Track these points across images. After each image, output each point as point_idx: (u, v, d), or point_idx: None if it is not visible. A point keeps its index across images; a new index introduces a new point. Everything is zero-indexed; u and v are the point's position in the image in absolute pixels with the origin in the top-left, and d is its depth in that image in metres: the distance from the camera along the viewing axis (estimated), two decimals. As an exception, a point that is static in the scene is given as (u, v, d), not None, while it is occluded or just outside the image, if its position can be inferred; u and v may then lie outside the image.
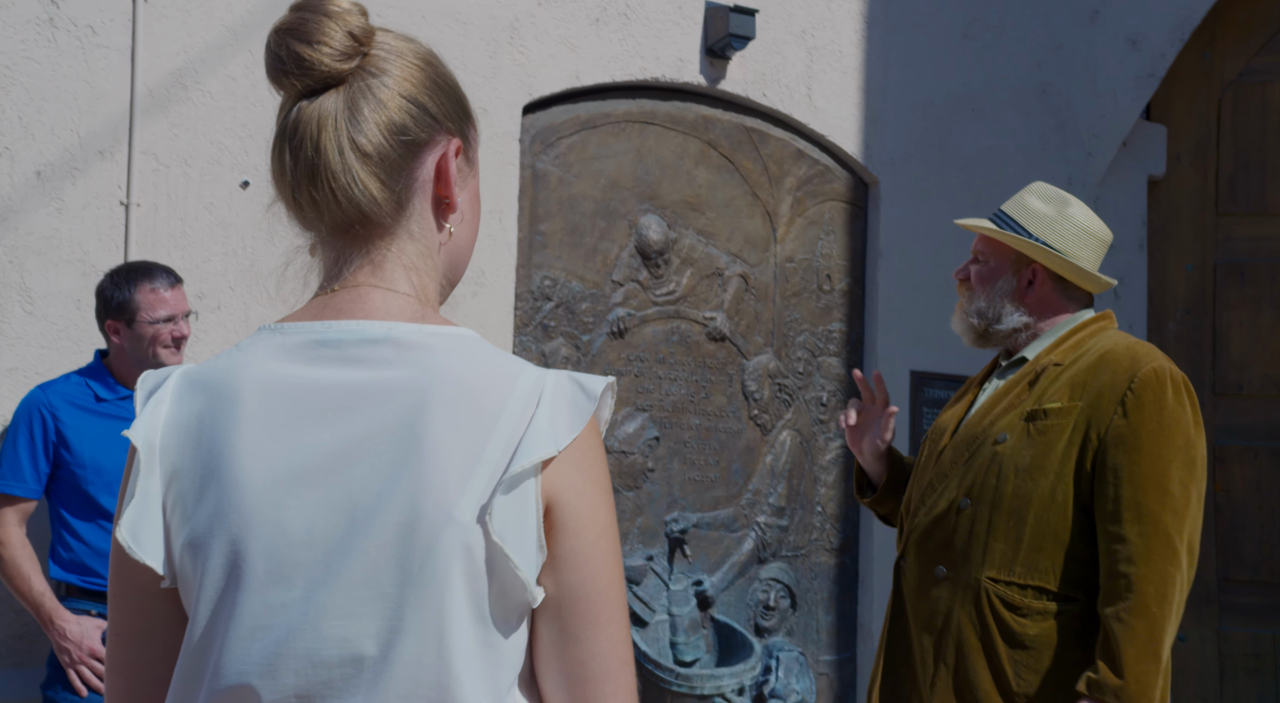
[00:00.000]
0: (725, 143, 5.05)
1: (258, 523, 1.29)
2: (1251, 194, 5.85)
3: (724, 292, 5.01)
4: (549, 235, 4.75)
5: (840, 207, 5.28)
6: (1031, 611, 2.91)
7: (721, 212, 5.03)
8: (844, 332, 5.25)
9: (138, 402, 1.39)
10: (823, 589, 5.12)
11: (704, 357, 4.96)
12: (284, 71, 1.37)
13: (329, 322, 1.36)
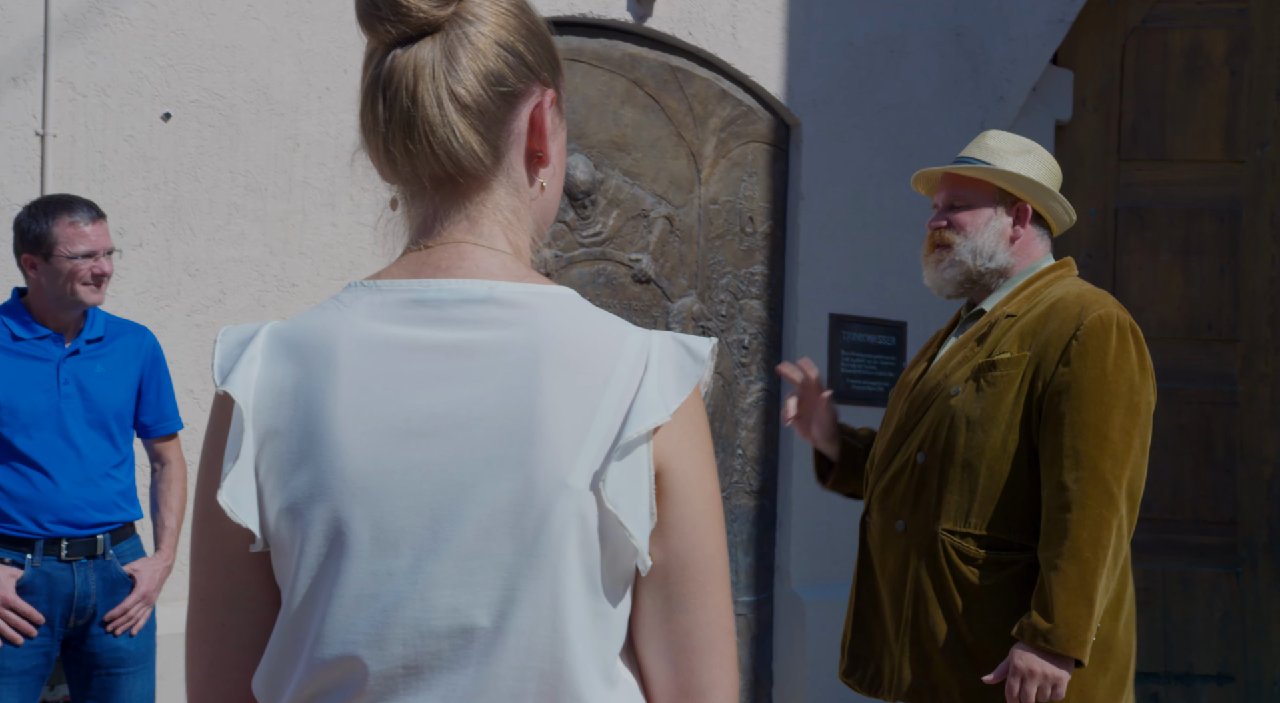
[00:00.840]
0: (651, 82, 4.98)
1: (361, 489, 1.24)
2: (1152, 140, 5.96)
3: (649, 234, 4.96)
4: (476, 174, 4.65)
5: (763, 148, 5.25)
6: (986, 561, 2.96)
7: (647, 152, 4.97)
8: (765, 275, 5.24)
9: (221, 356, 1.32)
10: (742, 531, 5.15)
11: (629, 299, 4.91)
12: (379, 17, 1.30)
13: (427, 280, 1.30)
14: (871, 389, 5.34)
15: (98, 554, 3.64)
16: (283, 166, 4.35)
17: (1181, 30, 6.00)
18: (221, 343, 1.33)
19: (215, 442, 1.32)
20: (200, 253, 4.26)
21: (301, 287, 4.35)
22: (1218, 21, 6.00)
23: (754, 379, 5.19)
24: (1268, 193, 5.94)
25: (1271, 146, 5.96)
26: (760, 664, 5.17)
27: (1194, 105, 5.96)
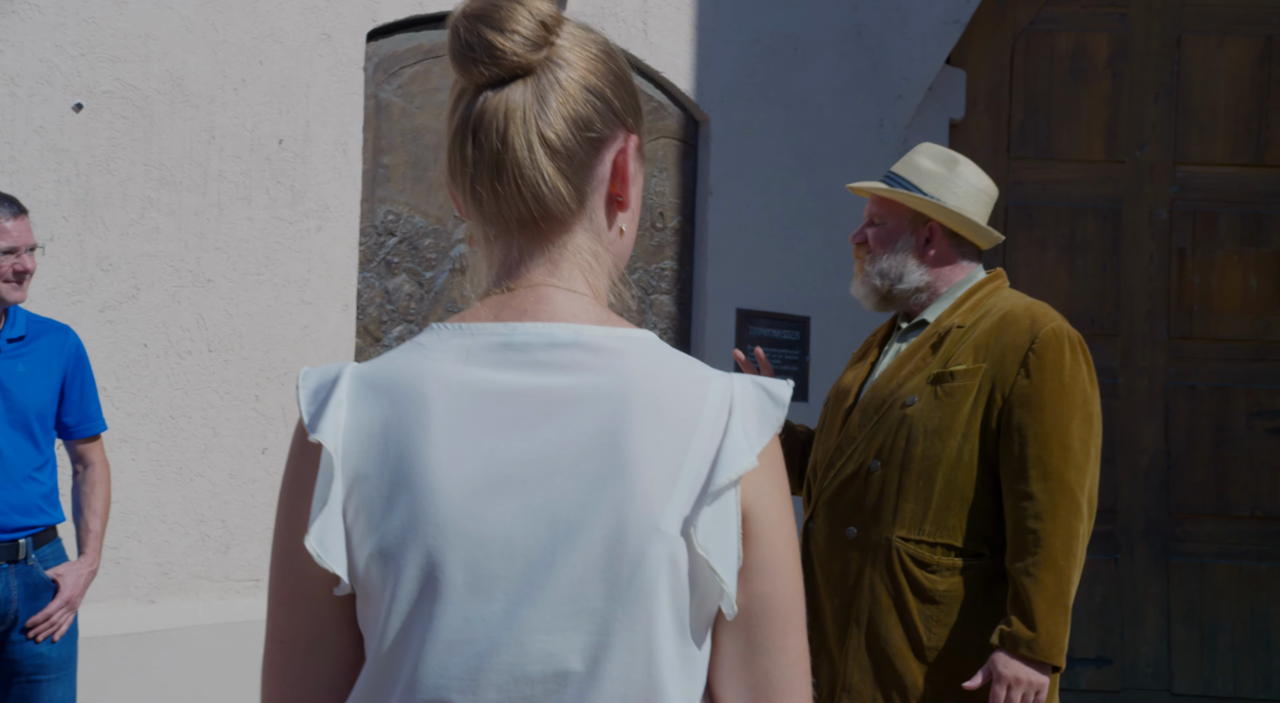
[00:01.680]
0: (564, 76, 4.98)
1: (455, 534, 1.24)
2: (1040, 139, 6.12)
3: (563, 228, 4.96)
4: (392, 169, 4.59)
5: (673, 144, 5.28)
6: (941, 567, 3.03)
7: (560, 147, 4.96)
8: (675, 270, 5.27)
9: (307, 401, 1.31)
10: (652, 525, 5.19)
11: (543, 294, 4.91)
12: (472, 59, 1.31)
13: (513, 323, 1.31)
14: (776, 383, 5.41)
15: (19, 559, 3.54)
16: (198, 160, 4.26)
17: (1067, 33, 6.16)
18: (304, 387, 1.33)
19: (298, 484, 1.32)
20: (113, 247, 4.15)
21: (217, 282, 4.26)
22: (1100, 25, 6.18)
23: (664, 374, 5.23)
24: (1146, 193, 6.14)
25: (1150, 148, 6.16)
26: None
27: (1078, 106, 6.14)
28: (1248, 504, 6.08)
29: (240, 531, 4.29)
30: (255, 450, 4.30)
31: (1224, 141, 6.18)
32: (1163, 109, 6.17)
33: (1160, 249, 6.12)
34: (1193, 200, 6.12)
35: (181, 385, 4.20)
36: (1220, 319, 6.11)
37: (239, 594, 4.31)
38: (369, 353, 4.50)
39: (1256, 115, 6.18)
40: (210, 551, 4.24)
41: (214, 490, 4.24)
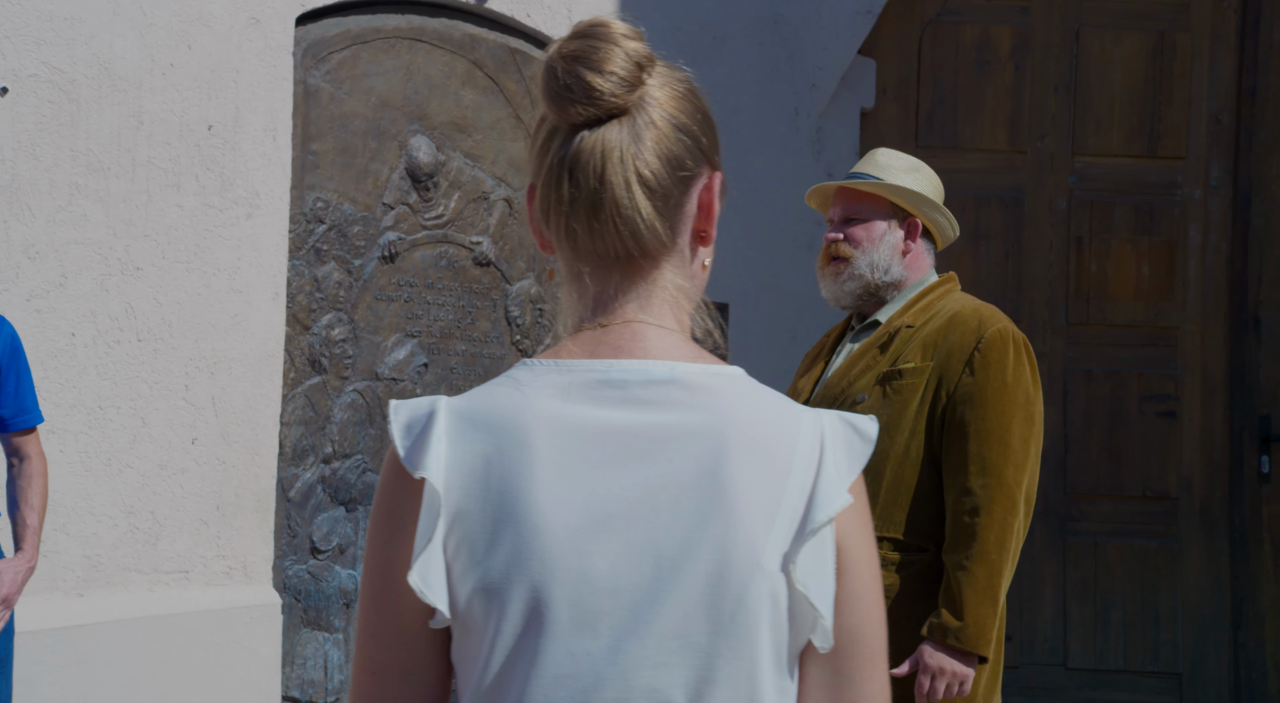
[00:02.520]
0: (491, 63, 4.96)
1: (560, 570, 1.27)
2: (947, 129, 6.24)
3: (489, 216, 4.95)
4: (321, 155, 4.55)
5: (595, 131, 5.29)
6: (886, 562, 3.11)
7: (487, 134, 4.95)
8: (598, 257, 5.30)
9: (403, 437, 1.33)
10: (575, 511, 5.23)
11: (470, 282, 4.90)
12: (571, 99, 1.35)
13: (609, 361, 1.34)
14: (695, 370, 5.47)
15: (-46, 557, 3.47)
16: (126, 145, 4.18)
17: (972, 25, 6.29)
18: (396, 421, 1.34)
19: (393, 519, 1.33)
20: (40, 235, 4.05)
21: (146, 270, 4.19)
22: (1004, 18, 6.32)
23: (587, 361, 5.25)
24: (1046, 183, 6.30)
25: (1050, 138, 6.32)
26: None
27: (983, 97, 6.27)
28: (1139, 485, 6.29)
29: (169, 522, 4.24)
30: (185, 441, 4.25)
31: (1119, 133, 6.36)
32: (1062, 101, 6.33)
33: (1059, 238, 6.29)
34: (1090, 190, 6.30)
35: (110, 375, 4.13)
36: (1115, 306, 6.30)
37: (168, 586, 4.26)
38: (298, 341, 4.46)
39: (1150, 109, 6.37)
40: (139, 542, 4.18)
41: (143, 482, 4.18)
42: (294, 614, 4.43)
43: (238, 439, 4.32)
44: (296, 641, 4.41)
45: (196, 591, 4.27)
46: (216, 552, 4.32)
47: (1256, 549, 6.28)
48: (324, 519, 4.48)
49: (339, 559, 4.52)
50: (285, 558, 4.41)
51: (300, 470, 4.42)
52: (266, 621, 4.35)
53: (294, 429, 4.41)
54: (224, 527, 4.31)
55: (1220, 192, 6.39)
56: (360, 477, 4.55)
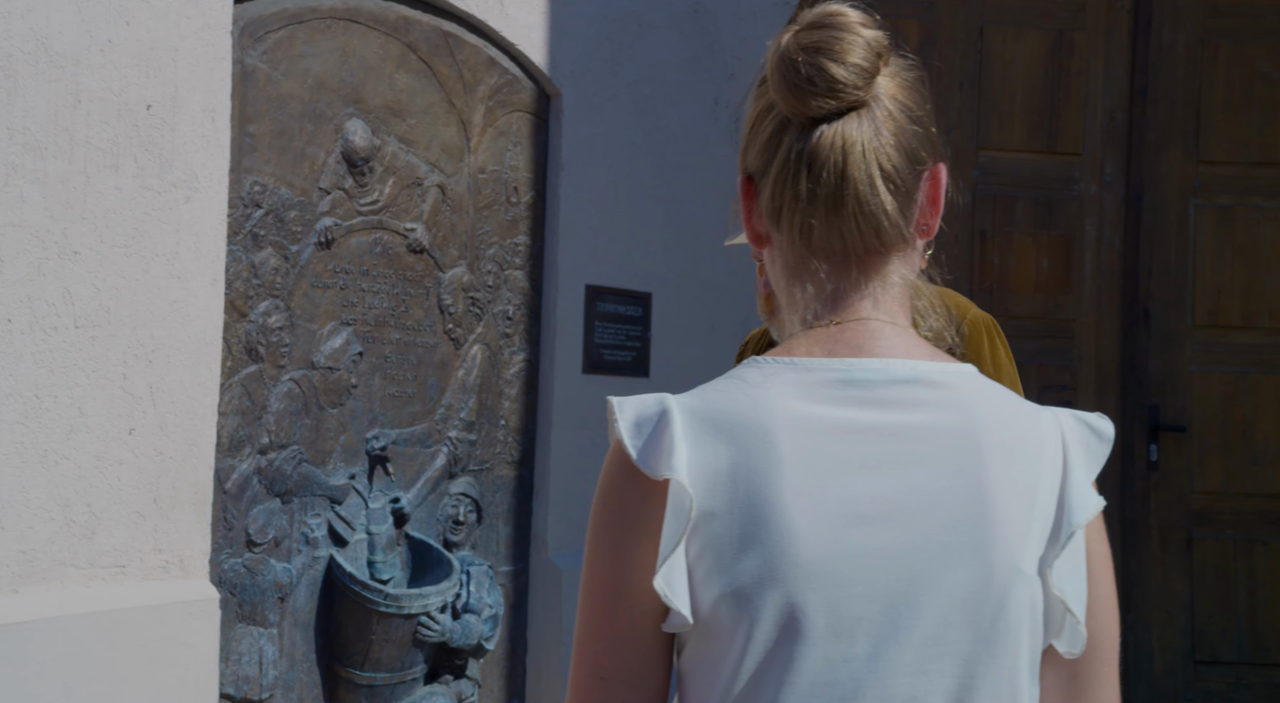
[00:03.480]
0: (424, 46, 4.88)
1: (816, 575, 1.25)
2: (853, 121, 6.32)
3: (423, 202, 4.87)
4: (258, 138, 4.43)
5: (526, 118, 5.24)
6: None
7: (421, 118, 4.87)
8: (528, 245, 5.25)
9: (629, 433, 1.29)
10: (503, 502, 5.17)
11: (404, 269, 4.82)
12: (812, 92, 1.32)
13: (849, 360, 1.32)
14: (621, 359, 5.46)
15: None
16: (63, 124, 4.01)
17: (882, 18, 6.36)
18: (623, 419, 1.31)
19: (625, 520, 1.30)
20: (-27, 216, 3.87)
21: (85, 254, 4.03)
22: (912, 13, 6.41)
23: (517, 350, 5.20)
24: (952, 176, 6.40)
25: (956, 132, 6.44)
26: (516, 633, 5.23)
27: (892, 90, 6.36)
28: (1037, 473, 6.46)
29: (106, 515, 4.09)
30: (122, 431, 4.10)
31: (1021, 129, 6.50)
32: (967, 96, 6.45)
33: (964, 231, 6.41)
34: (993, 185, 6.43)
35: (47, 364, 3.97)
36: (1016, 299, 6.45)
37: (105, 582, 4.11)
38: (235, 329, 4.34)
39: (1049, 105, 6.53)
40: (76, 537, 4.03)
41: (80, 474, 4.03)
42: (229, 609, 4.32)
43: (175, 430, 4.19)
44: (231, 636, 4.31)
45: (133, 586, 4.13)
46: (154, 546, 4.19)
47: (1145, 536, 6.49)
48: (260, 511, 4.38)
49: (274, 552, 4.42)
50: (221, 552, 4.30)
51: (236, 462, 4.31)
52: (205, 616, 4.22)
53: (231, 419, 4.30)
54: (161, 520, 4.18)
55: (1114, 188, 6.58)
56: (296, 468, 4.45)
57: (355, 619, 4.58)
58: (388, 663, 4.65)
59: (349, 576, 4.55)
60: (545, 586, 5.23)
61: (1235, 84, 6.69)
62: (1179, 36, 6.66)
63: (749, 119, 1.41)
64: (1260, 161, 6.67)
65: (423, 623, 4.69)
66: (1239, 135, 6.66)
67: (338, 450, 4.62)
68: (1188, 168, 6.65)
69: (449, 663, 4.90)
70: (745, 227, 1.42)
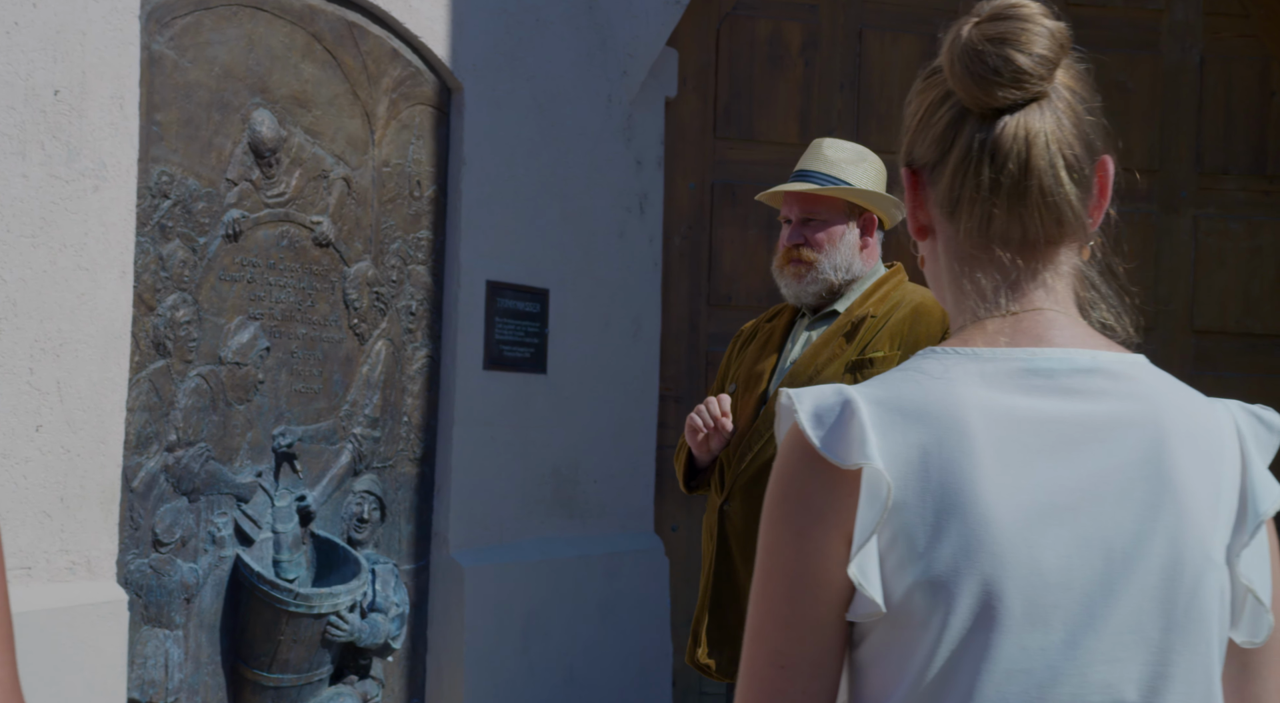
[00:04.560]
0: (329, 36, 4.80)
1: (1012, 563, 1.26)
2: (743, 121, 6.38)
3: (329, 195, 4.79)
4: (165, 126, 4.30)
5: (429, 111, 5.18)
6: None
7: (326, 110, 4.79)
8: (431, 240, 5.19)
9: (810, 423, 1.29)
10: (406, 499, 5.11)
11: (310, 263, 4.73)
12: (997, 82, 1.33)
13: (1030, 349, 1.33)
14: (520, 355, 5.43)
15: None
16: (-31, 108, 3.85)
17: (765, 20, 6.45)
18: (802, 410, 1.31)
19: (809, 508, 1.30)
20: (-126, 203, 3.70)
21: (-10, 245, 3.88)
22: (794, 15, 6.50)
23: (419, 346, 5.14)
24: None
25: (836, 133, 6.53)
26: (417, 633, 5.17)
27: (776, 91, 6.44)
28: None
29: (11, 515, 3.94)
30: (29, 428, 3.95)
31: (896, 132, 6.62)
32: (847, 99, 6.56)
33: (845, 230, 6.52)
34: (873, 185, 6.56)
35: (-48, 358, 3.81)
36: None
37: (11, 584, 3.95)
38: (142, 323, 4.21)
39: (925, 108, 6.68)
40: (-20, 538, 3.87)
41: (-15, 473, 3.87)
42: (135, 611, 4.19)
43: (83, 426, 4.05)
44: (137, 639, 4.18)
45: (40, 588, 3.98)
46: (60, 546, 4.04)
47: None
48: (167, 511, 4.26)
49: (181, 552, 4.30)
50: (127, 552, 4.17)
51: (144, 459, 4.19)
52: (113, 619, 4.09)
53: (138, 416, 4.18)
54: (68, 520, 4.04)
55: (985, 190, 6.75)
56: (204, 466, 4.34)
57: (263, 620, 4.48)
58: (295, 664, 4.56)
59: (257, 575, 4.45)
60: (446, 584, 5.18)
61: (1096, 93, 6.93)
62: (1044, 44, 6.87)
63: (915, 111, 1.42)
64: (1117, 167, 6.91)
65: (332, 623, 4.61)
66: (1099, 141, 6.90)
67: (244, 448, 4.51)
68: (1052, 172, 6.86)
69: (354, 663, 4.82)
70: (909, 218, 1.42)
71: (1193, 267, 6.99)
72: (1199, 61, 7.01)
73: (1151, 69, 6.97)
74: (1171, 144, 6.92)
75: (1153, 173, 6.93)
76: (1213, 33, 7.03)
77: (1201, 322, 6.93)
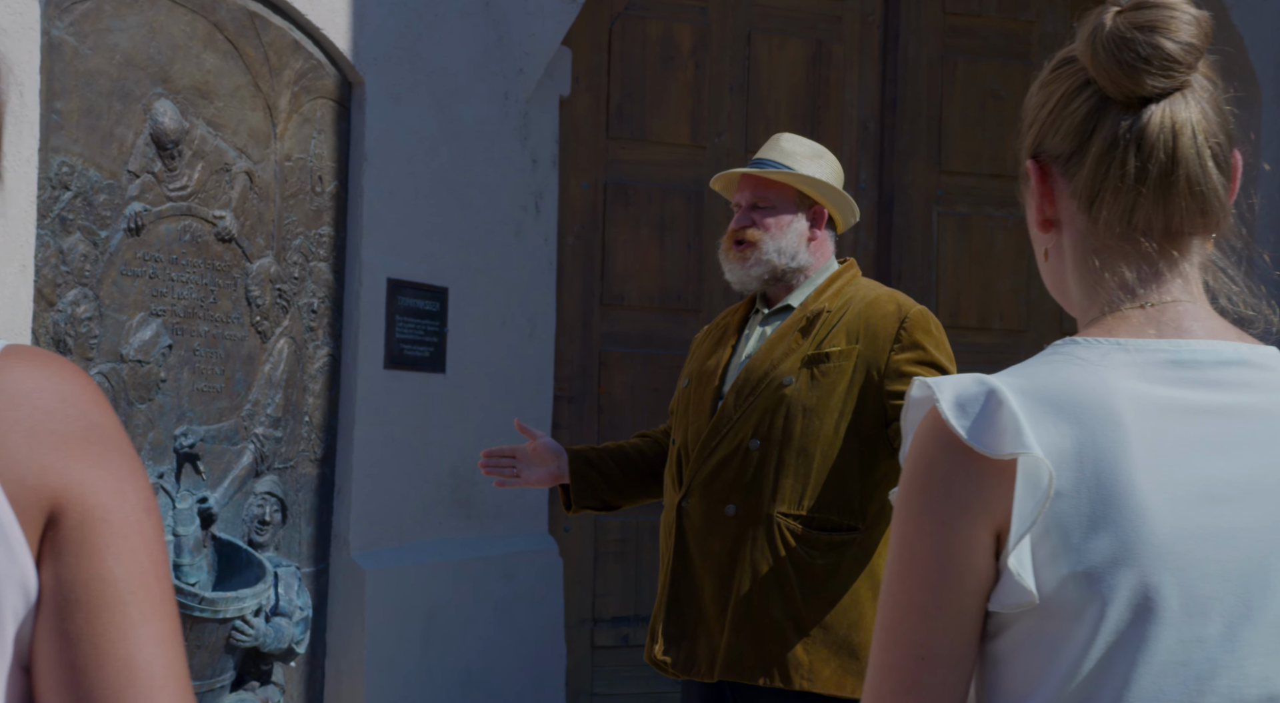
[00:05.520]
0: (231, 26, 4.67)
1: (1170, 555, 1.27)
2: (635, 121, 6.37)
3: (231, 189, 4.67)
4: (66, 115, 4.15)
5: (330, 105, 5.08)
6: (819, 542, 3.22)
7: (228, 102, 4.66)
8: (332, 236, 5.09)
9: (953, 412, 1.28)
10: (306, 501, 5.00)
11: (212, 259, 4.61)
12: (1146, 71, 1.32)
13: (1176, 341, 1.34)
14: (420, 355, 5.36)
15: None
16: None
17: (656, 20, 6.45)
18: (944, 399, 1.30)
19: (954, 497, 1.29)
20: None
21: (-113, 235, 3.70)
22: (684, 17, 6.52)
23: (321, 345, 5.04)
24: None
25: (726, 135, 6.58)
26: (316, 637, 5.06)
27: (668, 92, 6.45)
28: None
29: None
30: (-74, 428, 3.78)
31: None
32: (736, 100, 6.60)
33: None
34: (761, 187, 6.60)
35: None
36: (782, 298, 6.64)
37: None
38: (44, 319, 4.06)
39: (810, 112, 6.75)
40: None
41: (-120, 475, 3.69)
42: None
43: (-17, 426, 3.88)
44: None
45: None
46: (-41, 552, 3.87)
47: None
48: (67, 513, 4.10)
49: (81, 557, 4.15)
50: (26, 557, 4.01)
51: (44, 460, 4.03)
52: None
53: (38, 415, 4.01)
54: (-33, 524, 3.87)
55: (868, 194, 6.85)
56: (105, 467, 4.19)
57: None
58: (199, 670, 4.43)
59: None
60: (347, 587, 5.08)
61: (971, 100, 7.07)
62: (922, 53, 6.99)
63: (1043, 102, 1.41)
64: (992, 173, 7.06)
65: (237, 628, 4.49)
66: (975, 148, 7.04)
67: (146, 448, 4.37)
68: (931, 177, 6.99)
69: (256, 669, 4.70)
70: (1034, 211, 1.42)
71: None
72: (1068, 71, 7.19)
73: (1024, 78, 7.11)
74: (1044, 151, 7.09)
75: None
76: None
77: (1071, 324, 7.09)
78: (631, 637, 6.25)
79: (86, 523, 1.07)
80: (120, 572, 1.08)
